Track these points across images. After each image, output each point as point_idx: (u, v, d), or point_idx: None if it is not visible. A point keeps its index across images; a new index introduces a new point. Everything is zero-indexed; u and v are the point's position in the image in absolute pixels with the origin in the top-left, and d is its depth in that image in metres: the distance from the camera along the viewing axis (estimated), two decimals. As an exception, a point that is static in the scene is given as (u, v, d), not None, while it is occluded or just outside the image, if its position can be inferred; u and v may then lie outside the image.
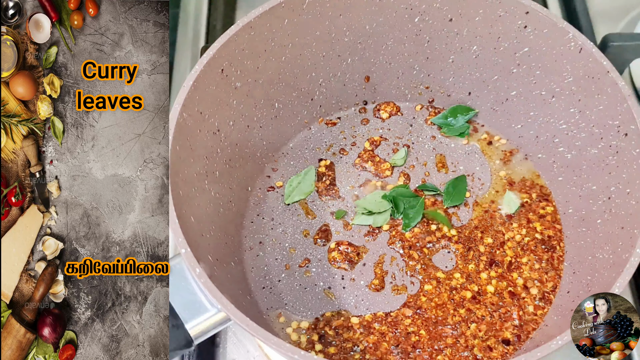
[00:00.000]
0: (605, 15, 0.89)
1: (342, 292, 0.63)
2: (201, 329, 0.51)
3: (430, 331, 0.61)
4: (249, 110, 0.66)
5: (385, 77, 0.73)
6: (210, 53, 0.58)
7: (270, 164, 0.71)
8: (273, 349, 0.47)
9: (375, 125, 0.74)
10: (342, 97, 0.74)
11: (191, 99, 0.56)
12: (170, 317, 0.50)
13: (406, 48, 0.70)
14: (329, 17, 0.65)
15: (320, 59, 0.69)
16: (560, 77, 0.62)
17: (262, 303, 0.63)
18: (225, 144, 0.63)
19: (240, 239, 0.66)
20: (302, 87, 0.70)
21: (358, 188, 0.70)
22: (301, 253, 0.66)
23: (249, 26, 0.60)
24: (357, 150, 0.73)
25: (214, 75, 0.59)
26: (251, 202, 0.69)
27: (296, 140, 0.73)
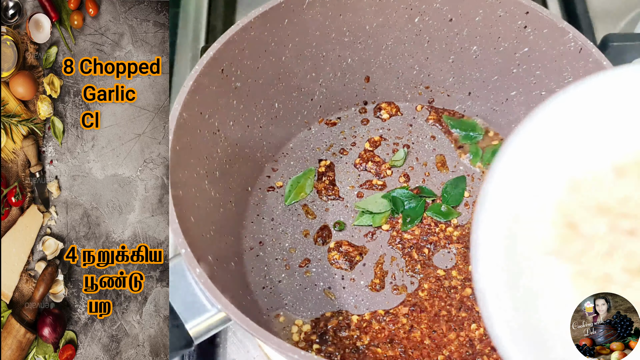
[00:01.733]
0: (606, 15, 0.88)
1: (342, 292, 0.63)
2: (201, 329, 0.51)
3: (431, 330, 0.60)
4: (249, 111, 0.66)
5: (385, 77, 0.73)
6: (210, 53, 0.58)
7: (270, 164, 0.71)
8: (273, 349, 0.47)
9: (375, 125, 0.74)
10: (342, 97, 0.74)
11: (191, 99, 0.56)
12: (170, 317, 0.50)
13: (406, 48, 0.70)
14: (329, 17, 0.65)
15: (321, 59, 0.69)
16: (560, 77, 0.62)
17: (262, 303, 0.63)
18: (225, 144, 0.63)
19: (240, 239, 0.66)
20: (302, 87, 0.70)
21: (358, 188, 0.70)
22: (301, 253, 0.66)
23: (249, 26, 0.60)
24: (357, 150, 0.73)
25: (214, 76, 0.59)
26: (251, 202, 0.69)
27: (296, 140, 0.73)
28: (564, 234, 0.40)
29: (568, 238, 0.39)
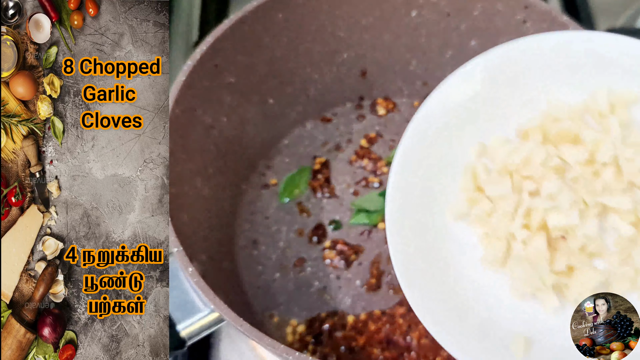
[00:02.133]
0: (606, 9, 0.88)
1: (338, 291, 0.63)
2: (194, 329, 0.51)
3: (427, 331, 0.60)
4: (242, 107, 0.65)
5: (381, 72, 0.72)
6: (203, 48, 0.58)
7: (264, 161, 0.71)
8: (267, 350, 0.47)
9: (371, 121, 0.74)
10: (337, 93, 0.73)
11: (184, 95, 0.57)
12: (162, 317, 0.50)
13: (403, 43, 0.69)
14: (324, 11, 0.65)
15: (316, 54, 0.68)
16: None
17: (256, 303, 0.62)
18: (219, 140, 0.63)
19: (233, 237, 0.66)
20: (297, 82, 0.70)
21: (354, 186, 0.70)
22: (296, 252, 0.65)
23: (242, 21, 0.60)
24: (353, 147, 0.72)
25: (207, 71, 0.59)
26: (245, 200, 0.68)
27: (291, 137, 0.73)
28: (472, 198, 0.42)
29: (476, 201, 0.42)
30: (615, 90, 0.43)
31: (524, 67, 0.45)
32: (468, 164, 0.44)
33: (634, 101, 0.43)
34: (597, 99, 0.43)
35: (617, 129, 0.41)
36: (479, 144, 0.44)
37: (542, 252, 0.40)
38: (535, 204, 0.40)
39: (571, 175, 0.41)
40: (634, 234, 0.40)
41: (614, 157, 0.40)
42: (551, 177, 0.41)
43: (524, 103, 0.44)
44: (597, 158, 0.41)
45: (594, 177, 0.41)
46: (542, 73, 0.45)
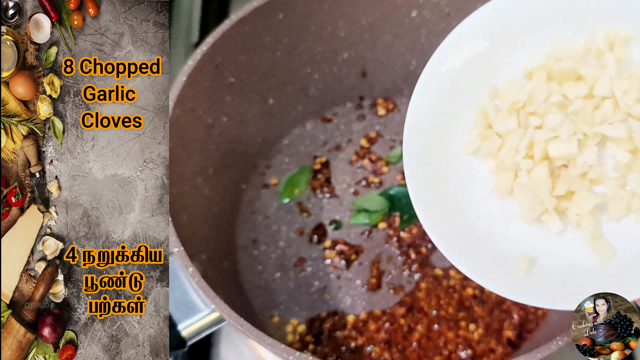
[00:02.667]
0: None
1: (338, 291, 0.63)
2: (194, 329, 0.51)
3: (428, 330, 0.60)
4: (243, 106, 0.65)
5: (381, 72, 0.72)
6: (204, 48, 0.58)
7: (265, 161, 0.71)
8: (267, 350, 0.47)
9: (371, 121, 0.74)
10: (337, 93, 0.73)
11: (184, 94, 0.57)
12: (162, 317, 0.50)
13: (403, 43, 0.69)
14: (325, 11, 0.65)
15: (316, 54, 0.68)
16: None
17: (256, 303, 0.62)
18: (219, 140, 0.63)
19: (233, 237, 0.66)
20: (297, 82, 0.70)
21: (354, 186, 0.69)
22: (296, 252, 0.65)
23: (243, 21, 0.60)
24: (353, 147, 0.72)
25: (207, 71, 0.59)
26: (245, 200, 0.68)
27: (291, 136, 0.73)
28: (483, 134, 0.45)
29: (487, 137, 0.45)
30: (612, 29, 0.45)
31: (529, 14, 0.48)
32: (479, 105, 0.47)
33: (631, 38, 0.45)
34: (595, 39, 0.46)
35: (613, 64, 0.44)
36: (490, 87, 0.47)
37: (544, 179, 0.43)
38: (538, 136, 0.43)
39: (572, 109, 0.44)
40: (631, 160, 0.42)
41: (611, 90, 0.43)
42: (554, 111, 0.44)
43: (530, 46, 0.47)
44: (595, 92, 0.44)
45: (593, 110, 0.44)
46: (547, 16, 0.47)
